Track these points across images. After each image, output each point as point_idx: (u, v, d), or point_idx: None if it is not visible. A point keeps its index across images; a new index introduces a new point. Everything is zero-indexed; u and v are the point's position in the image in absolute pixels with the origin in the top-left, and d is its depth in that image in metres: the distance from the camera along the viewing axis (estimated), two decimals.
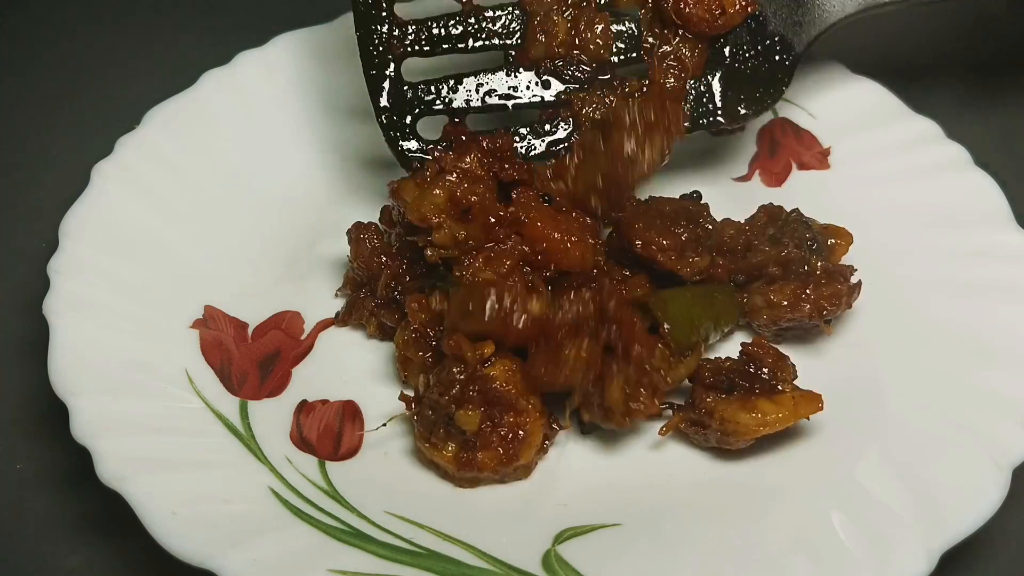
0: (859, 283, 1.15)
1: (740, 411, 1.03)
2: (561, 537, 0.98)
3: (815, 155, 1.37)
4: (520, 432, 1.02)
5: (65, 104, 1.58)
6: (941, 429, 1.03)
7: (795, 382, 1.08)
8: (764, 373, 1.06)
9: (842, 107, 1.39)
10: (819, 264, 1.15)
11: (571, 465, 1.07)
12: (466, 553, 0.95)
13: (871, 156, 1.34)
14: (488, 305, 1.02)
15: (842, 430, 1.06)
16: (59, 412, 0.99)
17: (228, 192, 1.30)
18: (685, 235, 1.13)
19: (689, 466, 1.07)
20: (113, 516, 0.98)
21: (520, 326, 1.02)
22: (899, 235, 1.24)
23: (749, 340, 1.12)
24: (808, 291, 1.13)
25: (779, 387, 1.05)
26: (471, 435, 1.01)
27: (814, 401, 1.04)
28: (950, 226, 1.23)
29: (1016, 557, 1.04)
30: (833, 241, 1.19)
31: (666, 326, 1.07)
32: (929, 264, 1.21)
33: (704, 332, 1.11)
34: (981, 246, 1.20)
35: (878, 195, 1.29)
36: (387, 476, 1.05)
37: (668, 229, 1.13)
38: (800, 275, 1.15)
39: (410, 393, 1.08)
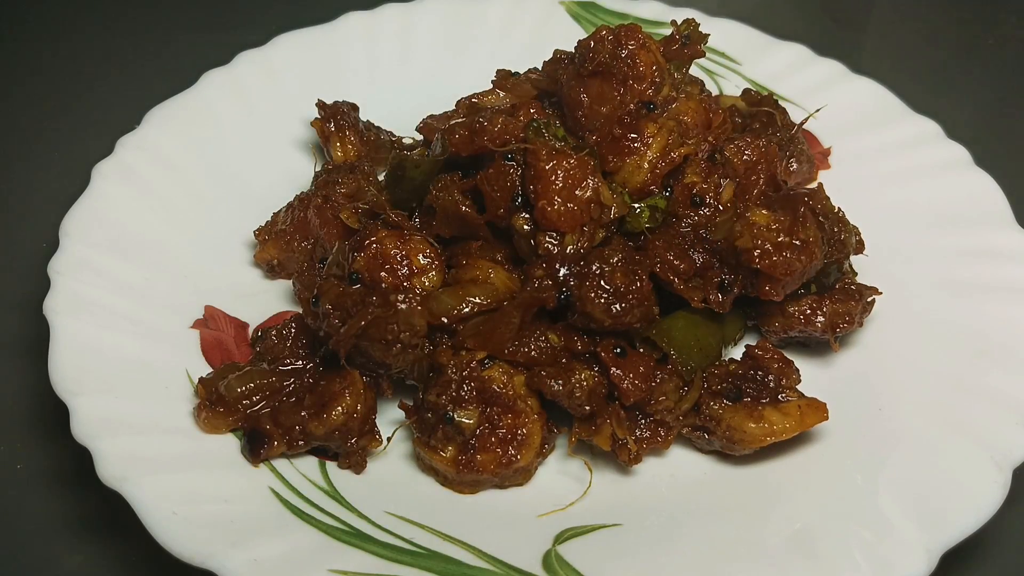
0: (872, 302, 1.15)
1: (747, 420, 1.03)
2: (561, 537, 0.98)
3: (815, 155, 1.37)
4: (519, 433, 1.02)
5: (65, 104, 1.58)
6: (941, 429, 1.03)
7: (798, 387, 1.08)
8: (769, 379, 1.06)
9: (842, 107, 1.39)
10: (843, 279, 1.14)
11: (571, 465, 1.07)
12: (466, 553, 0.95)
13: (871, 156, 1.34)
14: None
15: (842, 430, 1.06)
16: (59, 412, 0.99)
17: (228, 192, 1.30)
18: (700, 261, 1.11)
19: (690, 467, 1.07)
20: (113, 516, 0.98)
21: (536, 355, 1.04)
22: (899, 235, 1.24)
23: (753, 342, 1.12)
24: (825, 306, 1.12)
25: (784, 394, 1.05)
26: (469, 437, 1.01)
27: (820, 410, 1.03)
28: (950, 226, 1.23)
29: (1016, 557, 1.04)
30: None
31: (673, 354, 1.06)
32: (929, 264, 1.20)
33: (716, 350, 1.11)
34: (981, 246, 1.20)
35: (878, 195, 1.29)
36: (387, 476, 1.05)
37: (685, 253, 1.10)
38: (821, 286, 1.13)
39: (409, 402, 1.08)
